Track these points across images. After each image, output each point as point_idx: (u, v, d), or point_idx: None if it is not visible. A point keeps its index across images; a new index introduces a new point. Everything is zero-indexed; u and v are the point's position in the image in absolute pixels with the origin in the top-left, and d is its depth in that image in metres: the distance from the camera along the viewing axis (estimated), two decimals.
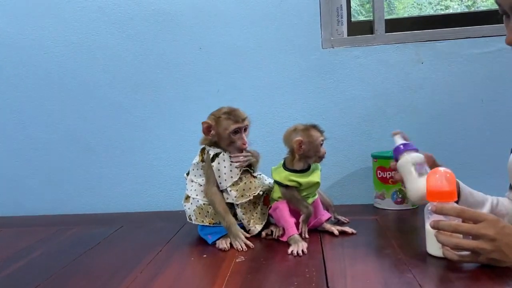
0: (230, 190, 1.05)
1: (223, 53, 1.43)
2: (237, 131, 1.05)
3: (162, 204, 1.47)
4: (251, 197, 1.05)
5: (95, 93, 1.47)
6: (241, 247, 0.99)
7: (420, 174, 0.96)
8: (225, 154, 1.06)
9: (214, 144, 1.08)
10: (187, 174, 1.13)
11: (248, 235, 1.04)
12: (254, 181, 1.08)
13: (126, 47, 1.45)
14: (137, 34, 1.44)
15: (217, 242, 1.03)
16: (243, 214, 1.06)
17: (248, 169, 1.08)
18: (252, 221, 1.07)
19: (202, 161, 1.08)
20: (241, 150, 1.06)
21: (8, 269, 0.97)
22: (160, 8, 1.43)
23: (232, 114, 1.05)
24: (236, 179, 1.05)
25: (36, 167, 1.52)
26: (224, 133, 1.04)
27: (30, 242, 1.16)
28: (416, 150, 1.00)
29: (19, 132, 1.51)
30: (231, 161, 1.05)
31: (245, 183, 1.06)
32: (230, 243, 1.02)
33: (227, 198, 1.06)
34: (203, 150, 1.10)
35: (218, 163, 1.05)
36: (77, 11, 1.45)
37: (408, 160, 0.98)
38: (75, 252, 1.05)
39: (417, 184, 0.95)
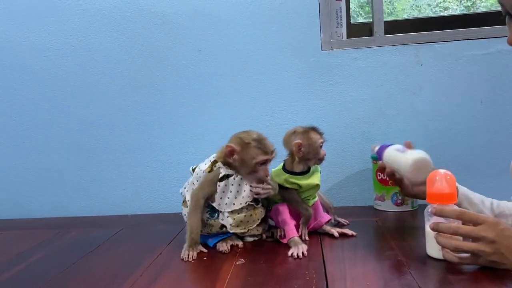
0: (227, 216, 1.02)
1: (223, 55, 1.43)
2: (264, 163, 1.01)
3: (161, 206, 1.47)
4: (246, 230, 1.02)
5: (94, 96, 1.47)
6: (190, 256, 0.96)
7: (403, 152, 1.03)
8: (236, 178, 1.02)
9: (228, 163, 1.02)
10: (193, 169, 1.08)
11: (204, 250, 1.01)
12: (255, 214, 1.04)
13: (126, 49, 1.45)
14: (136, 36, 1.45)
15: (218, 244, 1.03)
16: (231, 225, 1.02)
17: (254, 203, 1.04)
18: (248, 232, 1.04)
19: (209, 171, 1.03)
20: (260, 181, 1.01)
21: (7, 273, 0.97)
22: (159, 11, 1.43)
23: (262, 143, 1.00)
24: (237, 208, 1.02)
25: (35, 169, 1.52)
26: (250, 161, 0.99)
27: (30, 245, 1.16)
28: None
29: (19, 134, 1.51)
30: (251, 190, 1.01)
31: (245, 215, 1.02)
32: (231, 245, 1.02)
33: (222, 219, 1.02)
34: (214, 162, 1.04)
35: (225, 185, 1.01)
36: (77, 14, 1.46)
37: (389, 150, 1.07)
38: (75, 255, 1.05)
39: (403, 159, 1.01)
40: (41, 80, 1.49)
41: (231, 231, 1.02)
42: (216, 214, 1.03)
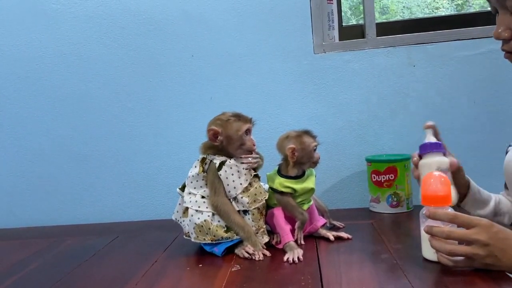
0: (242, 197, 1.02)
1: (215, 60, 1.43)
2: (248, 132, 1.04)
3: (156, 213, 1.47)
4: (263, 201, 1.04)
5: (87, 103, 1.47)
6: (260, 256, 0.98)
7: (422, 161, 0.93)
8: (230, 161, 1.03)
9: (218, 152, 1.05)
10: (181, 188, 1.08)
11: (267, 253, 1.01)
12: (262, 186, 1.06)
13: (118, 56, 1.45)
14: (129, 43, 1.44)
15: (238, 253, 1.01)
16: (253, 221, 1.03)
17: (257, 174, 1.07)
18: (261, 230, 1.04)
19: (203, 171, 1.04)
20: (249, 151, 1.05)
21: (3, 284, 0.96)
22: (151, 17, 1.43)
23: (239, 116, 1.04)
24: (246, 185, 1.03)
25: (29, 178, 1.51)
26: (236, 135, 1.02)
27: (25, 255, 1.15)
28: (444, 154, 0.94)
29: (13, 143, 1.51)
30: (242, 162, 1.03)
31: (255, 187, 1.04)
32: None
33: (237, 207, 1.03)
34: (203, 160, 1.05)
35: (225, 171, 1.01)
36: (69, 21, 1.45)
37: (432, 162, 0.91)
38: (71, 264, 1.05)
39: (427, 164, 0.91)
40: (33, 88, 1.48)
41: (251, 208, 1.02)
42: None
